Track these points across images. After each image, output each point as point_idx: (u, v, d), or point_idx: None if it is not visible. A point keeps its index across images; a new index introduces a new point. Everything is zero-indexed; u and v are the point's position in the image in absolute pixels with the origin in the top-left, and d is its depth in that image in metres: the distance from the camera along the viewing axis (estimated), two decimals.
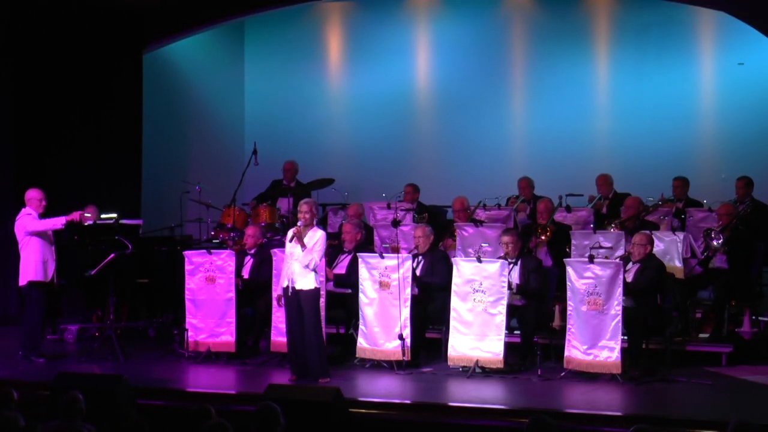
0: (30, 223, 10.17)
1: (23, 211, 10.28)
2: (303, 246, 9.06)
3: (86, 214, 11.04)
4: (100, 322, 11.29)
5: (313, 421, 7.41)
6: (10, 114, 12.30)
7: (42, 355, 10.16)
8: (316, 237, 9.12)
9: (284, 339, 9.79)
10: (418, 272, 10.08)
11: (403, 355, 9.55)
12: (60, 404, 6.41)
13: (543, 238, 10.82)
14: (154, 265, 11.30)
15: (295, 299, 9.12)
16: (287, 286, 9.13)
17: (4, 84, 12.26)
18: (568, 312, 9.34)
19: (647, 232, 9.89)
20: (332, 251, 10.63)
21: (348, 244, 10.53)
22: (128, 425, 5.88)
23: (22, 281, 10.24)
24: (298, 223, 9.20)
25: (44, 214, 10.29)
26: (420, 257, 10.18)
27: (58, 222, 10.19)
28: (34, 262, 10.18)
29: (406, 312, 9.64)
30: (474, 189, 12.24)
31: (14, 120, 12.32)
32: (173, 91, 14.21)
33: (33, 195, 10.29)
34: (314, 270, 9.10)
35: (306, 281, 9.10)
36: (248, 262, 10.57)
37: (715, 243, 10.28)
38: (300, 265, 9.06)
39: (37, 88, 12.49)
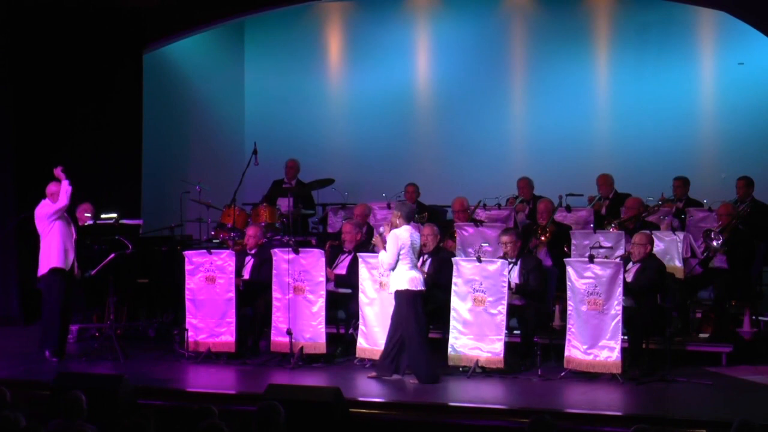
0: (50, 206, 10.09)
1: (42, 202, 10.23)
2: (383, 249, 9.15)
3: (85, 212, 11.05)
4: (100, 322, 11.29)
5: (313, 421, 7.42)
6: (11, 114, 12.29)
7: (59, 353, 10.11)
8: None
9: (285, 339, 9.84)
10: (425, 269, 10.10)
11: None
12: (62, 404, 6.41)
13: (543, 238, 10.81)
14: (154, 265, 11.30)
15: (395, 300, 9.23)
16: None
17: (4, 84, 12.26)
18: (568, 312, 9.34)
19: (647, 231, 9.89)
20: (332, 251, 10.64)
21: (348, 245, 10.52)
22: (130, 425, 5.88)
23: (43, 269, 10.16)
24: (380, 229, 9.29)
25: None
26: (426, 256, 10.18)
27: (65, 185, 10.07)
28: (56, 250, 10.11)
29: None
30: (474, 189, 12.24)
31: (15, 120, 12.31)
32: (173, 91, 14.22)
33: (55, 189, 10.23)
34: (392, 269, 9.12)
35: (398, 282, 9.15)
36: (249, 262, 10.56)
37: (714, 244, 10.28)
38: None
39: (37, 88, 12.48)
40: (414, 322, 9.10)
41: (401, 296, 9.15)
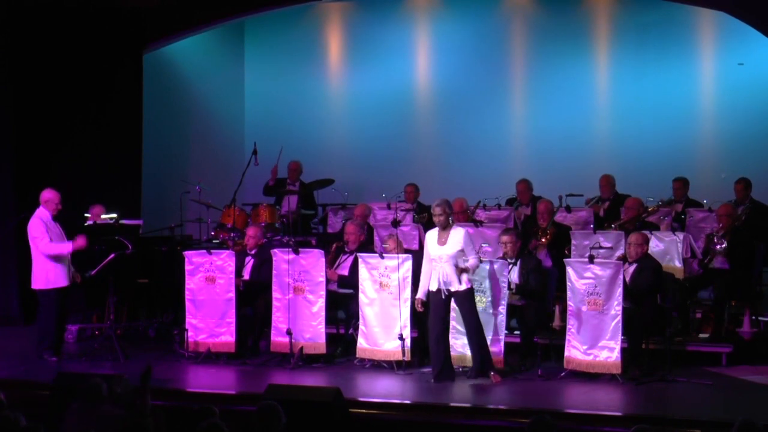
0: (44, 246, 10.07)
1: (37, 212, 10.21)
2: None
3: (97, 214, 11.02)
4: (100, 322, 11.29)
5: (313, 421, 7.41)
6: (11, 114, 12.28)
7: (56, 352, 10.12)
8: (459, 238, 9.06)
9: (285, 339, 9.84)
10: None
11: (403, 355, 9.55)
12: (82, 389, 6.46)
13: (543, 240, 10.80)
14: (154, 265, 11.30)
15: (447, 301, 9.11)
16: (439, 289, 9.09)
17: (4, 84, 12.26)
18: (568, 312, 9.33)
19: (644, 231, 9.88)
20: (337, 253, 10.63)
21: (351, 245, 10.51)
22: (130, 425, 5.89)
23: (35, 285, 10.20)
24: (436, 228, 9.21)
25: (57, 217, 10.24)
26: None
27: (66, 248, 10.12)
28: (52, 268, 10.11)
29: (406, 312, 9.64)
30: (474, 189, 12.24)
31: (15, 120, 12.31)
32: (173, 91, 14.22)
33: (49, 197, 10.22)
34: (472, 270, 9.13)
35: (463, 281, 9.09)
36: (249, 262, 10.56)
37: (718, 248, 10.27)
38: (463, 269, 9.04)
39: (37, 88, 12.48)
40: (476, 317, 9.14)
41: (469, 294, 9.12)
